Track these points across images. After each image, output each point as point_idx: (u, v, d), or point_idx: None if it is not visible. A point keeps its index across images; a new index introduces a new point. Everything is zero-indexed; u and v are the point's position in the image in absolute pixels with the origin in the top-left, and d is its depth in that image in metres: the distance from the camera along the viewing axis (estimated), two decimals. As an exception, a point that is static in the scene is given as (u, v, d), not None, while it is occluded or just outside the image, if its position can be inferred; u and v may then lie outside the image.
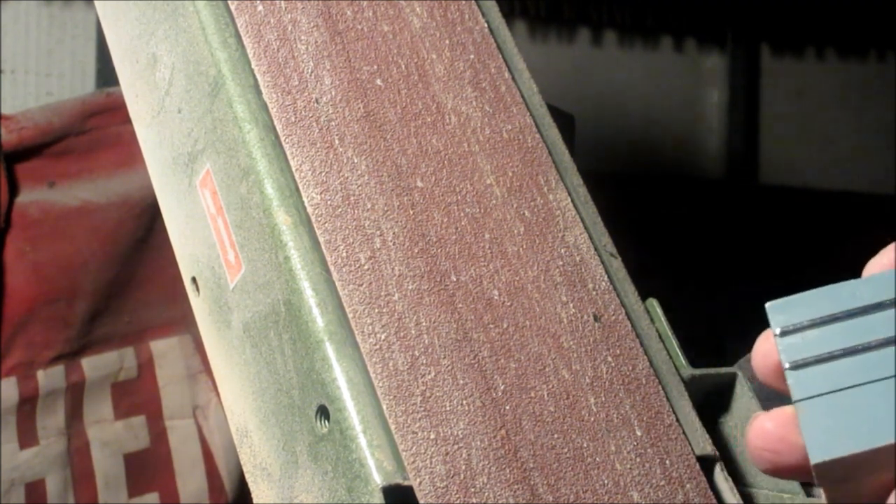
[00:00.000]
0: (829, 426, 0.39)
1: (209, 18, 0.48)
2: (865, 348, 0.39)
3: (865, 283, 0.41)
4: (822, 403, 0.39)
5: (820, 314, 0.41)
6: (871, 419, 0.38)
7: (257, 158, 0.45)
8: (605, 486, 0.43)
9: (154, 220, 1.02)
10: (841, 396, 0.39)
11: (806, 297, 0.41)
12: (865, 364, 0.39)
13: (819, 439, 0.39)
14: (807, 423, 0.39)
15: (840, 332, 0.40)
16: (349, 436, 0.39)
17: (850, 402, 0.39)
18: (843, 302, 0.41)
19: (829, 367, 0.40)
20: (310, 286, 0.42)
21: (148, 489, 1.04)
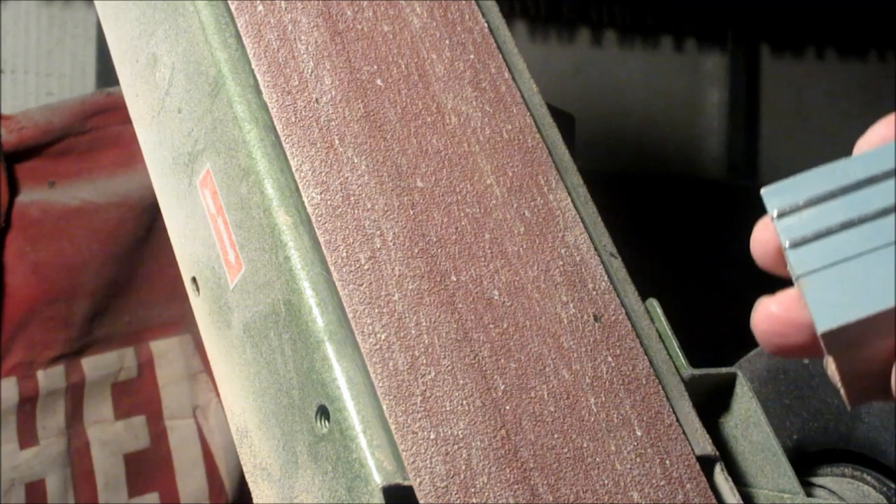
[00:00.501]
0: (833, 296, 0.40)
1: (209, 18, 0.48)
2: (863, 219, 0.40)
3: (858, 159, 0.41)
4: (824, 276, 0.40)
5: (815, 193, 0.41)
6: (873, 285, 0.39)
7: (257, 158, 0.45)
8: (605, 486, 0.43)
9: (154, 220, 1.02)
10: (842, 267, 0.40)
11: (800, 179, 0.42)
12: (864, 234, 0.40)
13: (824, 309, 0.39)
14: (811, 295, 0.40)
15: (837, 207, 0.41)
16: (349, 436, 0.39)
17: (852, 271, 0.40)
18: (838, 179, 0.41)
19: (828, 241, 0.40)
20: (310, 286, 0.42)
21: (148, 489, 1.04)
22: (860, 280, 0.39)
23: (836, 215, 0.41)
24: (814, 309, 0.39)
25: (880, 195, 0.40)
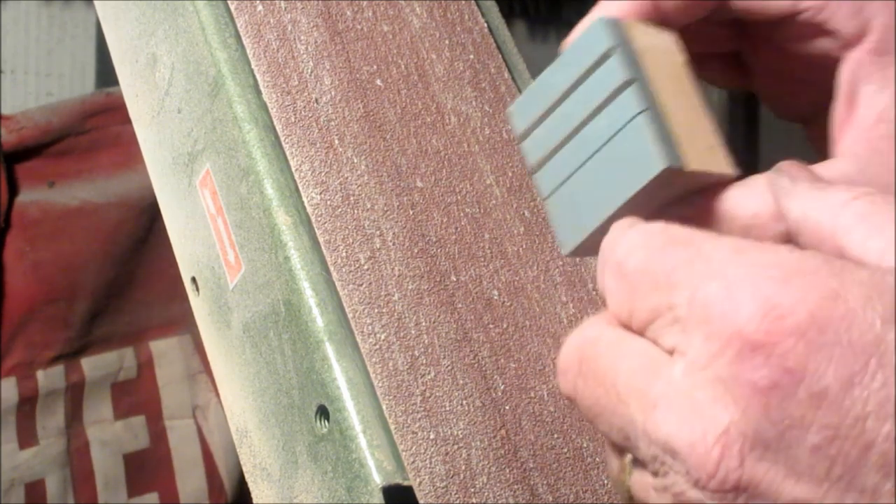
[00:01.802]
0: (570, 214, 0.40)
1: (209, 18, 0.48)
2: (581, 125, 0.40)
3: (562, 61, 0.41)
4: (561, 194, 0.41)
5: (539, 108, 0.41)
6: (598, 192, 0.39)
7: (257, 158, 0.45)
8: (605, 485, 0.43)
9: (154, 220, 1.02)
10: (572, 181, 0.40)
11: (529, 95, 0.42)
12: (578, 146, 0.40)
13: (564, 231, 0.40)
14: (554, 218, 0.41)
15: (559, 118, 0.41)
16: (349, 436, 0.39)
17: (580, 182, 0.40)
18: (553, 88, 0.41)
19: (559, 157, 0.40)
20: (310, 286, 0.42)
21: (148, 489, 1.04)
22: (588, 190, 0.40)
23: (560, 127, 0.41)
24: (557, 232, 0.40)
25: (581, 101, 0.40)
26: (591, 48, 0.40)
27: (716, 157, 0.40)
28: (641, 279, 0.29)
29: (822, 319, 0.25)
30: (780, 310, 0.25)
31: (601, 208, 0.39)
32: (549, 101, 0.41)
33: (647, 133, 0.38)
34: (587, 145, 0.40)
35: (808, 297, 0.25)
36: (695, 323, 0.27)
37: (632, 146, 0.39)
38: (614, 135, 0.39)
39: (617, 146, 0.39)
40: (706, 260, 0.28)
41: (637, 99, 0.39)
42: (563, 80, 0.41)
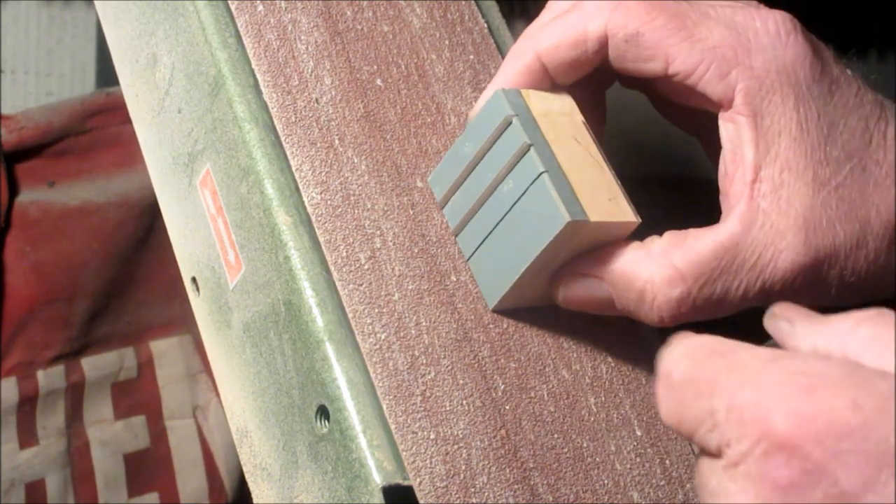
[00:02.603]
0: (490, 271, 0.44)
1: (209, 18, 0.48)
2: (492, 188, 0.43)
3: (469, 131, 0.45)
4: (481, 254, 0.44)
5: (454, 176, 0.45)
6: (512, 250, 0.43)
7: (257, 158, 0.45)
8: (605, 486, 0.43)
9: (154, 220, 1.02)
10: (489, 241, 0.44)
11: (444, 164, 0.46)
12: (496, 204, 0.43)
13: (487, 287, 0.44)
14: (478, 276, 0.45)
15: (473, 184, 0.44)
16: (349, 436, 0.39)
17: (496, 241, 0.44)
18: (465, 157, 0.45)
19: (476, 219, 0.44)
20: (310, 286, 0.42)
21: (148, 489, 1.04)
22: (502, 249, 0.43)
23: (471, 195, 0.44)
24: (483, 289, 0.44)
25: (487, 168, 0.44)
26: (494, 117, 0.44)
27: (618, 207, 0.43)
28: (686, 388, 0.32)
29: (840, 427, 0.27)
30: (804, 416, 0.28)
31: (516, 264, 0.43)
32: (462, 169, 0.44)
33: (549, 191, 0.41)
34: (499, 207, 0.43)
35: (830, 406, 0.28)
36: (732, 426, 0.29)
37: (537, 205, 0.42)
38: (521, 196, 0.42)
39: (524, 206, 0.42)
40: (742, 369, 0.30)
41: (537, 161, 0.42)
42: (472, 149, 0.44)
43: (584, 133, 0.45)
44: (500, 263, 0.43)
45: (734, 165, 0.43)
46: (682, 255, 0.42)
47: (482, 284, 0.45)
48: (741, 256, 0.42)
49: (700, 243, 0.42)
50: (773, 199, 0.42)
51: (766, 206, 0.42)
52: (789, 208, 0.42)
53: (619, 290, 0.43)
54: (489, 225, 0.44)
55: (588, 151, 0.44)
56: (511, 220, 0.43)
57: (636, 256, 0.43)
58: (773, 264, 0.42)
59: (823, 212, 0.42)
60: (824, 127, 0.43)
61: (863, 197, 0.43)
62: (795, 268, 0.42)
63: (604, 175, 0.44)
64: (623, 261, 0.43)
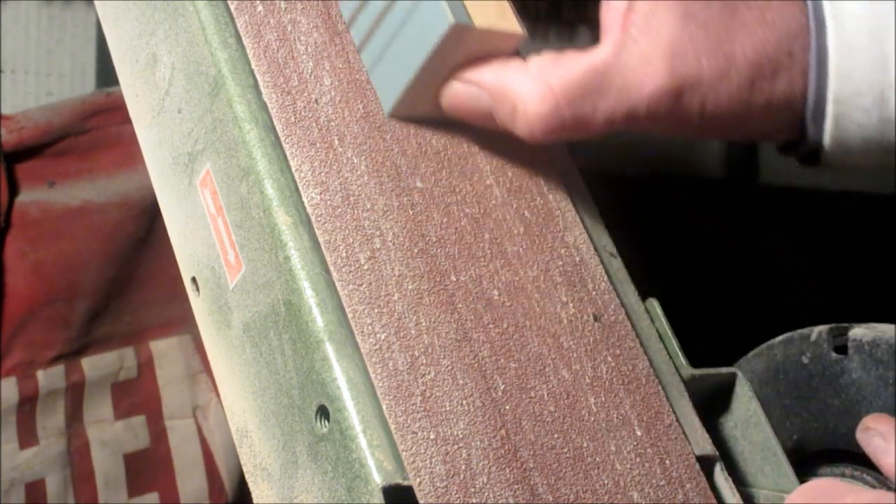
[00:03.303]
0: (387, 80, 0.47)
1: (209, 18, 0.48)
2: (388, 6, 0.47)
3: None
4: (380, 65, 0.48)
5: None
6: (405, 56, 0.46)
7: (257, 158, 0.45)
8: (605, 485, 0.43)
9: (154, 220, 1.02)
10: (387, 52, 0.47)
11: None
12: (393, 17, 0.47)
13: (384, 95, 0.48)
14: (377, 86, 0.48)
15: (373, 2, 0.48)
16: (349, 436, 0.39)
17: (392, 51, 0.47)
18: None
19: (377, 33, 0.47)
20: (310, 286, 0.42)
21: (148, 489, 1.04)
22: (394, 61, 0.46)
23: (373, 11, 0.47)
24: (380, 98, 0.47)
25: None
26: None
27: (505, 19, 0.46)
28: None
29: None
30: None
31: (407, 70, 0.46)
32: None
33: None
34: (395, 19, 0.46)
35: None
36: None
37: (428, 13, 0.45)
38: (414, 6, 0.45)
39: (417, 15, 0.45)
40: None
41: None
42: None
43: None
44: (395, 71, 0.46)
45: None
46: (555, 73, 0.45)
47: (381, 93, 0.48)
48: (609, 78, 0.45)
49: (574, 64, 0.45)
50: (643, 28, 0.45)
51: (637, 33, 0.45)
52: (658, 38, 0.44)
53: (497, 101, 0.46)
54: (386, 37, 0.47)
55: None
56: (404, 30, 0.46)
57: (516, 71, 0.46)
58: (638, 88, 0.44)
59: (690, 43, 0.44)
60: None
61: (730, 35, 0.45)
62: (660, 91, 0.44)
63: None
64: (502, 73, 0.46)
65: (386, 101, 0.47)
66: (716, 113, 0.45)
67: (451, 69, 0.46)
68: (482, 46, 0.46)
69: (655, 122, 0.46)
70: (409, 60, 0.46)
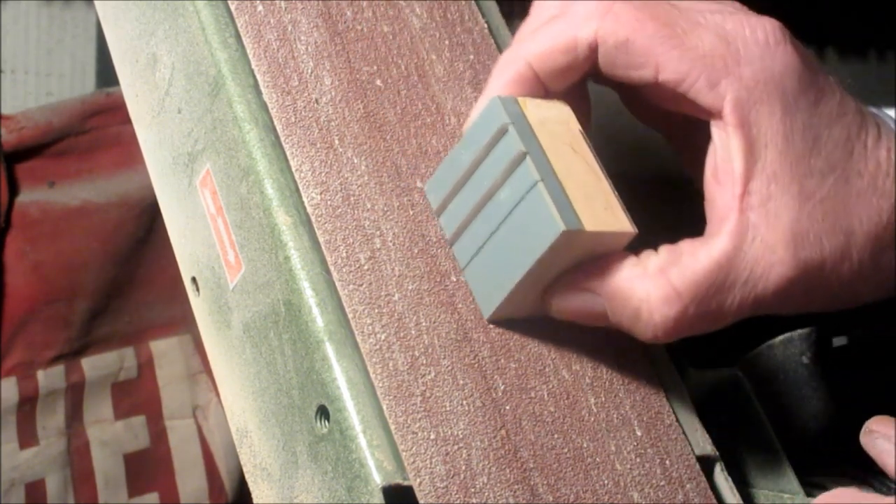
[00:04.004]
0: (486, 282, 0.44)
1: (209, 18, 0.48)
2: (488, 197, 0.43)
3: (466, 139, 0.45)
4: (476, 264, 0.44)
5: (451, 184, 0.45)
6: (508, 259, 0.43)
7: (257, 158, 0.45)
8: (605, 486, 0.43)
9: (154, 220, 1.02)
10: (485, 251, 0.43)
11: (441, 172, 0.46)
12: (492, 213, 0.43)
13: (483, 298, 0.44)
14: (473, 287, 0.44)
15: (469, 192, 0.44)
16: (349, 436, 0.39)
17: (492, 251, 0.43)
18: (461, 164, 0.44)
19: (471, 228, 0.44)
20: (310, 286, 0.42)
21: (148, 489, 1.04)
22: (498, 258, 0.43)
23: (467, 204, 0.44)
24: (479, 299, 0.44)
25: (483, 177, 0.43)
26: (490, 125, 0.44)
27: (614, 216, 0.43)
28: None
29: None
30: None
31: (511, 274, 0.42)
32: (458, 177, 0.44)
33: (544, 200, 0.41)
34: (495, 216, 0.43)
35: None
36: None
37: (533, 214, 0.41)
38: (516, 205, 0.42)
39: (520, 215, 0.42)
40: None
41: (533, 169, 0.42)
42: (468, 157, 0.44)
43: (580, 142, 0.45)
44: (496, 273, 0.43)
45: (723, 174, 0.44)
46: (678, 274, 0.42)
47: (478, 294, 0.44)
48: (735, 273, 0.42)
49: (696, 262, 0.43)
50: (761, 213, 0.43)
51: (756, 219, 0.43)
52: (777, 222, 0.42)
53: (615, 305, 0.43)
54: (485, 234, 0.43)
55: (584, 160, 0.44)
56: (506, 230, 0.42)
57: (633, 273, 0.43)
58: (764, 278, 0.43)
59: (810, 225, 0.43)
60: (809, 139, 0.43)
61: (846, 208, 0.43)
62: (785, 281, 0.43)
63: (600, 184, 0.44)
64: (619, 277, 0.43)
65: (484, 304, 0.44)
66: (838, 290, 0.44)
67: (557, 272, 0.43)
68: (592, 246, 0.43)
69: (782, 307, 0.44)
70: (511, 264, 0.42)
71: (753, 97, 0.43)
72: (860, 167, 0.44)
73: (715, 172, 0.44)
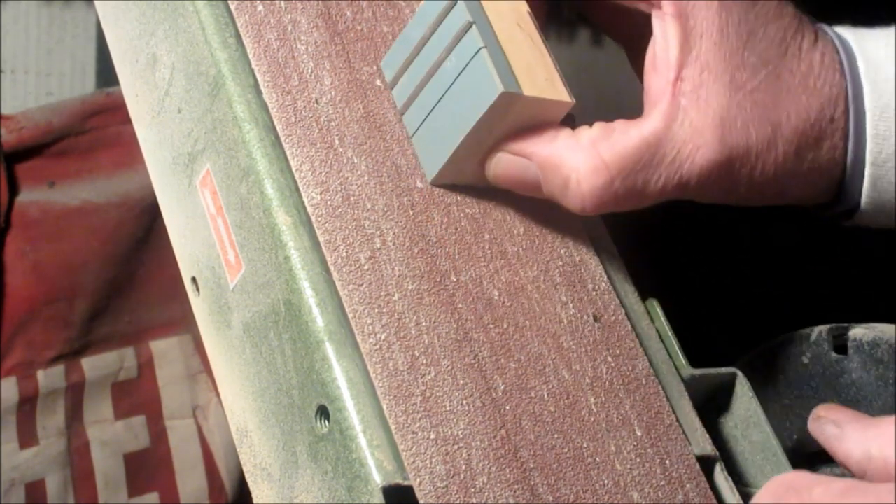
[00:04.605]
0: (431, 146, 0.46)
1: (209, 18, 0.48)
2: (435, 67, 0.45)
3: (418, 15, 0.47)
4: (423, 130, 0.46)
5: (403, 57, 0.47)
6: (451, 123, 0.45)
7: (257, 158, 0.45)
8: (605, 486, 0.43)
9: (154, 220, 1.02)
10: (431, 117, 0.46)
11: (395, 47, 0.48)
12: (439, 81, 0.45)
13: (427, 161, 0.46)
14: (420, 152, 0.47)
15: (419, 64, 0.46)
16: (349, 436, 0.39)
17: (437, 117, 0.45)
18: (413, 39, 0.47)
19: (420, 97, 0.46)
20: (310, 286, 0.42)
21: (148, 489, 1.04)
22: (439, 127, 0.45)
23: (417, 74, 0.46)
24: (423, 164, 0.46)
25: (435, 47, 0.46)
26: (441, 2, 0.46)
27: (553, 87, 0.45)
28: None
29: None
30: None
31: (453, 136, 0.45)
32: (410, 51, 0.47)
33: (486, 65, 0.43)
34: (441, 84, 0.45)
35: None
36: None
37: (475, 79, 0.44)
38: (461, 72, 0.44)
39: (464, 81, 0.44)
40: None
41: (478, 37, 0.44)
42: (419, 32, 0.46)
43: (527, 21, 0.47)
44: (440, 137, 0.45)
45: (660, 62, 0.45)
46: (608, 147, 0.44)
47: (423, 159, 0.47)
48: (662, 151, 0.44)
49: (626, 138, 0.44)
50: (692, 98, 0.44)
51: (686, 104, 0.44)
52: (707, 108, 0.44)
53: (547, 173, 0.45)
54: (431, 102, 0.46)
55: (530, 38, 0.47)
56: (451, 96, 0.45)
57: (566, 144, 0.45)
58: (690, 160, 0.44)
59: (738, 113, 0.44)
60: (744, 33, 0.45)
61: (775, 102, 0.45)
62: (711, 164, 0.44)
63: (542, 59, 0.46)
64: (553, 146, 0.45)
65: (428, 167, 0.46)
66: (762, 182, 0.45)
67: (497, 137, 0.45)
68: (530, 114, 0.45)
69: (704, 191, 0.45)
70: (454, 128, 0.45)
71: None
72: (792, 66, 0.46)
73: (653, 62, 0.46)
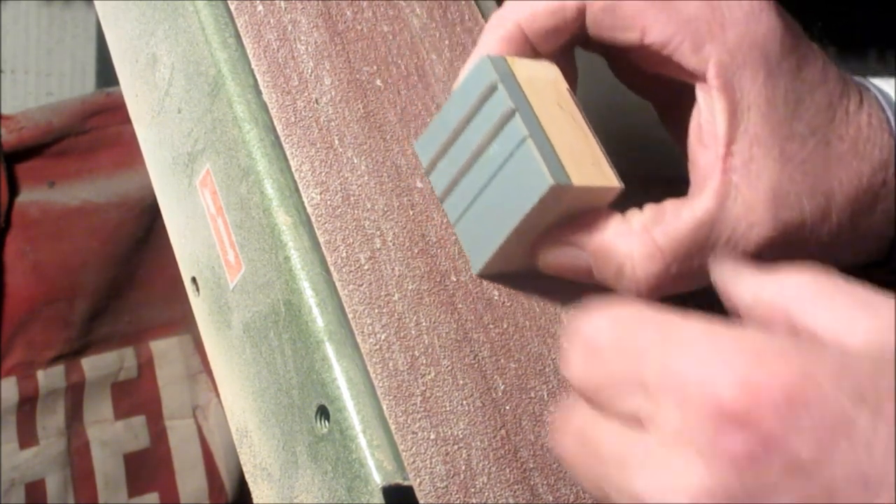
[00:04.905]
0: (476, 236, 0.44)
1: (209, 18, 0.48)
2: (477, 153, 0.44)
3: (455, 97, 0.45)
4: (467, 219, 0.45)
5: (440, 142, 0.45)
6: (497, 214, 0.43)
7: (257, 158, 0.45)
8: (604, 486, 0.43)
9: (154, 220, 1.02)
10: (475, 206, 0.44)
11: (430, 130, 0.46)
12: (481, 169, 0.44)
13: (473, 252, 0.45)
14: (464, 242, 0.45)
15: (459, 149, 0.45)
16: (349, 436, 0.39)
17: (482, 206, 0.44)
18: (451, 122, 0.45)
19: (462, 184, 0.45)
20: (310, 286, 0.42)
21: (148, 489, 1.04)
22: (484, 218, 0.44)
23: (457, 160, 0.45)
24: (469, 254, 0.45)
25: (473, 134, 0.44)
26: (480, 83, 0.44)
27: (601, 172, 0.44)
28: (610, 355, 0.30)
29: (796, 396, 0.26)
30: (756, 385, 0.27)
31: (501, 228, 0.43)
32: (448, 135, 0.45)
33: (533, 155, 0.42)
34: (484, 172, 0.44)
35: (783, 375, 0.27)
36: (666, 391, 0.28)
37: (521, 169, 0.42)
38: (506, 160, 0.43)
39: (509, 171, 0.43)
40: (678, 337, 0.29)
41: (522, 125, 0.42)
42: (458, 115, 0.45)
43: (567, 100, 0.45)
44: (486, 228, 0.44)
45: (707, 136, 0.44)
46: (661, 232, 0.43)
47: (468, 249, 0.45)
48: (716, 232, 0.43)
49: (679, 220, 0.43)
50: (743, 174, 0.43)
51: (738, 180, 0.43)
52: (759, 183, 0.43)
53: (599, 261, 0.44)
54: (474, 190, 0.44)
55: (572, 118, 0.45)
56: (496, 185, 0.43)
57: (617, 230, 0.44)
58: (745, 239, 0.43)
59: (790, 186, 0.43)
60: (791, 102, 0.44)
61: (826, 171, 0.44)
62: (765, 241, 0.43)
63: (587, 141, 0.44)
64: (604, 233, 0.44)
65: (475, 258, 0.45)
66: (818, 253, 0.44)
67: (546, 226, 0.44)
68: (580, 202, 0.43)
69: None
70: (501, 219, 0.43)
71: (737, 61, 0.43)
72: (841, 131, 0.45)
73: (699, 135, 0.45)
